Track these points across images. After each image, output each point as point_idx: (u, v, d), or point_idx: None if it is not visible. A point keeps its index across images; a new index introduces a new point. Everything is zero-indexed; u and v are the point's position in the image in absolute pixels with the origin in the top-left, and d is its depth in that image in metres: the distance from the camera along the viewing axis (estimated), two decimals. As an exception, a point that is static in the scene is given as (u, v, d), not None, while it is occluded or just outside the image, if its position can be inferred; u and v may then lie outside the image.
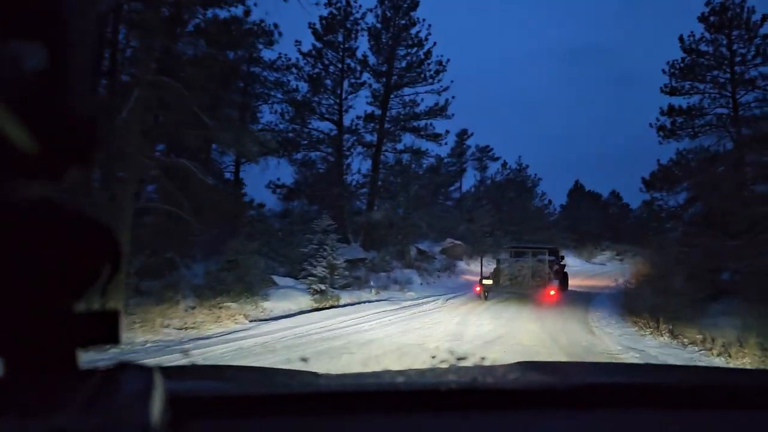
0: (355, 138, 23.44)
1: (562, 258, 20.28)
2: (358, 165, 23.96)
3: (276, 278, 15.28)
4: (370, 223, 20.73)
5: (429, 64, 22.80)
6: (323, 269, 13.85)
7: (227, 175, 21.98)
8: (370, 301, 14.17)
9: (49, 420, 0.32)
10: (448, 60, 22.66)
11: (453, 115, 22.69)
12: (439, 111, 22.62)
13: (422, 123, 23.15)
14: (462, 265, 24.84)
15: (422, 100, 23.16)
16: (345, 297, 14.30)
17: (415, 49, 22.97)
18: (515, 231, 31.87)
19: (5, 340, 0.41)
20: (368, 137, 23.58)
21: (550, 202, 39.96)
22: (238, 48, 19.35)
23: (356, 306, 13.10)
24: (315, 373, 1.26)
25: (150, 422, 0.38)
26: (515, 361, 1.44)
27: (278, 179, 23.03)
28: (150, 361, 2.09)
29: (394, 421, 0.87)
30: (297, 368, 1.53)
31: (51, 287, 0.41)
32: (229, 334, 8.52)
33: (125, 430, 0.35)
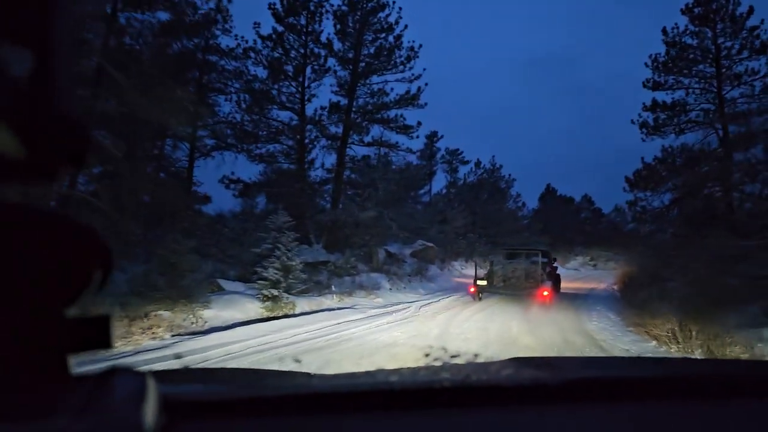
0: (318, 130, 21.37)
1: (554, 260, 20.05)
2: (323, 159, 21.96)
3: (224, 282, 13.16)
4: (334, 222, 18.66)
5: (400, 50, 20.99)
6: (276, 272, 11.72)
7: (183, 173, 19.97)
8: (331, 309, 12.06)
9: (43, 424, 0.33)
10: (420, 46, 20.90)
11: (426, 104, 20.88)
12: (410, 100, 20.73)
13: (392, 114, 21.29)
14: (434, 269, 23.02)
15: (392, 89, 21.33)
16: (303, 304, 12.18)
17: (384, 34, 21.13)
18: (490, 234, 30.35)
19: None
20: (333, 129, 21.60)
21: (524, 204, 38.85)
22: (192, 35, 17.58)
23: (314, 315, 11.00)
24: (308, 374, 1.34)
25: (143, 425, 0.39)
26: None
27: (232, 173, 20.82)
28: None
29: (388, 421, 0.87)
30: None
31: (43, 292, 0.41)
32: (132, 355, 6.35)
33: None
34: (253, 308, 11.13)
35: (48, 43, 0.38)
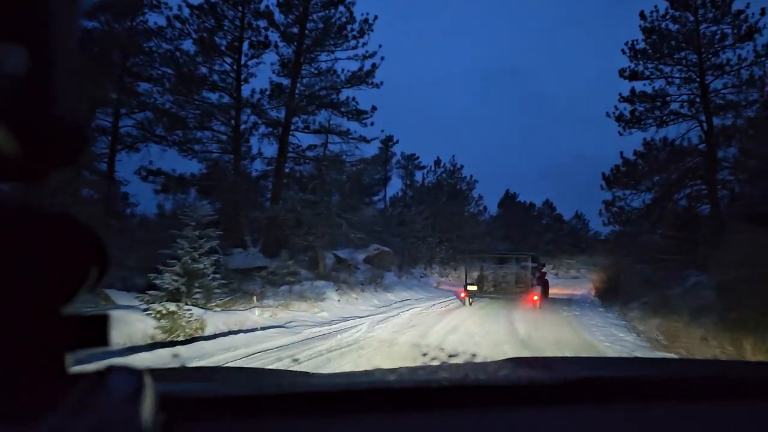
0: (257, 114, 18.24)
1: (543, 266, 19.74)
2: (261, 148, 18.85)
3: (118, 294, 9.91)
4: (272, 220, 15.53)
5: (352, 23, 18.15)
6: (174, 279, 8.53)
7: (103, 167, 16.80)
8: (255, 330, 8.89)
9: (38, 423, 0.33)
10: (376, 18, 18.13)
11: (381, 84, 18.07)
12: (363, 77, 17.87)
13: (343, 96, 18.37)
14: (391, 276, 20.17)
15: (343, 70, 18.44)
16: (218, 321, 8.99)
17: (333, 6, 18.25)
18: (451, 238, 27.82)
19: None
20: (274, 114, 18.49)
21: (485, 208, 36.61)
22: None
23: (226, 339, 7.82)
24: (307, 373, 1.43)
25: (141, 424, 0.39)
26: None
27: (150, 162, 17.38)
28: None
29: (386, 420, 0.87)
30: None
31: (40, 290, 0.41)
32: None
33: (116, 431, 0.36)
34: (143, 329, 7.95)
35: (45, 42, 0.38)
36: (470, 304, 15.45)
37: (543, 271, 18.98)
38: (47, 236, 0.42)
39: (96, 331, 0.46)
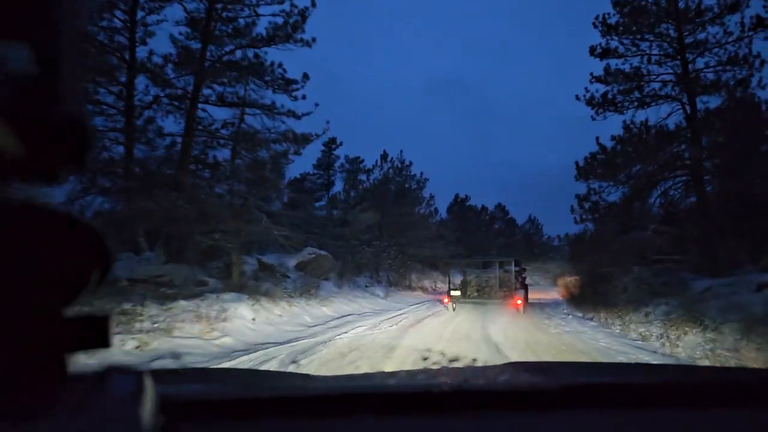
0: (157, 82, 14.30)
1: (524, 270, 19.50)
2: (166, 126, 14.86)
3: None
4: (170, 212, 11.62)
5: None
6: None
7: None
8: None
9: (38, 423, 0.33)
10: (309, -35, 14.59)
11: (314, 40, 14.50)
12: (290, 32, 14.23)
13: (266, 61, 14.65)
14: (329, 286, 16.59)
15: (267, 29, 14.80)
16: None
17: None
18: (400, 242, 24.55)
19: None
20: (180, 83, 14.61)
21: (436, 210, 33.53)
22: None
23: None
24: (307, 376, 1.43)
25: (140, 425, 0.39)
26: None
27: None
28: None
29: (385, 424, 0.87)
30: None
31: (41, 291, 0.41)
32: None
33: None
34: None
35: (51, 39, 0.37)
36: (453, 309, 15.13)
37: (524, 276, 18.64)
38: (48, 236, 0.41)
39: (97, 332, 0.45)
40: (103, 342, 0.46)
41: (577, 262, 23.30)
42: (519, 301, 15.02)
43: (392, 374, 1.17)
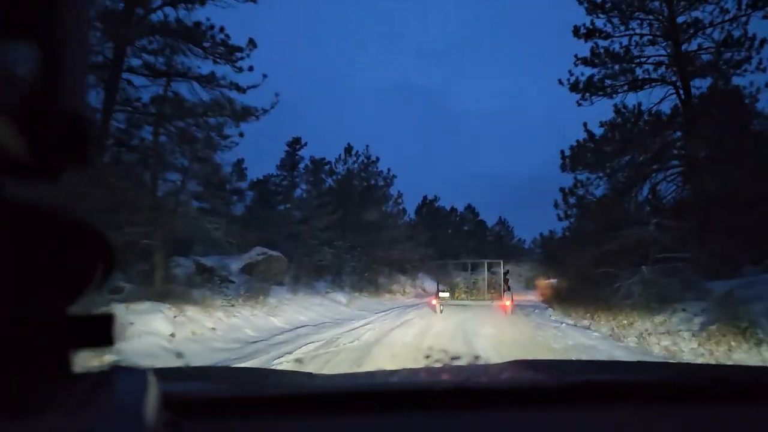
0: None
1: (507, 272, 18.73)
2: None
3: None
4: (70, 199, 9.14)
5: None
6: None
7: None
8: None
9: (42, 421, 0.33)
10: None
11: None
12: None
13: (204, 23, 12.25)
14: (282, 292, 14.29)
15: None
16: None
17: None
18: (366, 242, 22.40)
19: None
20: (100, 58, 12.11)
21: (404, 210, 31.52)
22: None
23: None
24: (310, 374, 1.42)
25: (144, 423, 0.39)
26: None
27: None
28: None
29: (388, 421, 0.87)
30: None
31: (46, 289, 0.42)
32: None
33: (119, 431, 0.37)
34: None
35: (56, 39, 0.37)
36: (441, 311, 15.05)
37: (507, 278, 18.15)
38: (52, 235, 0.41)
39: (102, 331, 0.45)
40: (108, 341, 0.45)
41: (559, 262, 21.94)
42: (507, 303, 15.13)
43: (394, 372, 1.20)
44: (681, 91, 14.95)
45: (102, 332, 0.45)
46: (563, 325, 11.47)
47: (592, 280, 12.81)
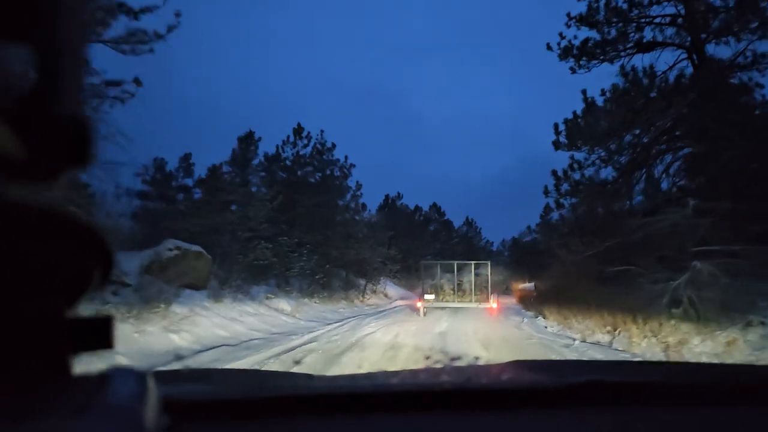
0: None
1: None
2: None
3: None
4: None
5: None
6: None
7: None
8: None
9: (40, 424, 0.33)
10: None
11: None
12: None
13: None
14: (200, 298, 10.85)
15: None
16: None
17: None
18: (317, 240, 19.10)
19: None
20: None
21: (364, 206, 27.81)
22: None
23: None
24: (309, 375, 1.41)
25: (144, 426, 0.39)
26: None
27: None
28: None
29: (388, 423, 0.87)
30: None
31: (43, 292, 0.41)
32: None
33: None
34: None
35: (52, 40, 0.37)
36: (424, 314, 14.87)
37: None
38: (50, 236, 0.40)
39: (100, 334, 0.45)
40: (106, 343, 0.45)
41: (538, 265, 20.01)
42: (494, 305, 15.21)
43: (395, 373, 1.19)
44: (694, 56, 12.42)
45: (100, 335, 0.44)
46: (576, 342, 8.50)
47: (603, 280, 9.99)
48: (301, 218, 18.85)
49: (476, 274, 17.08)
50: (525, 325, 12.13)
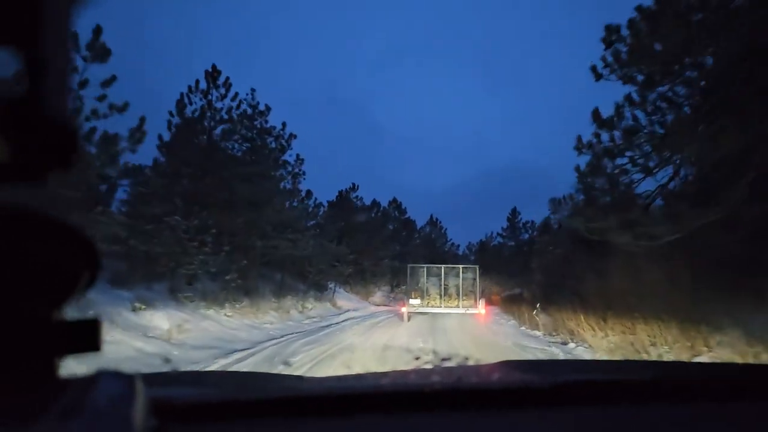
0: None
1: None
2: None
3: None
4: None
5: None
6: None
7: None
8: None
9: (28, 428, 0.33)
10: None
11: None
12: None
13: None
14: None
15: None
16: None
17: None
18: (236, 227, 13.82)
19: None
20: None
21: (309, 193, 21.92)
22: None
23: None
24: (299, 377, 1.45)
25: (131, 429, 0.39)
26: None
27: None
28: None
29: (378, 424, 0.86)
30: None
31: (30, 294, 0.41)
32: None
33: None
34: None
35: (37, 43, 0.37)
36: (408, 319, 14.59)
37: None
38: (36, 239, 0.41)
39: (87, 336, 0.44)
40: (94, 346, 0.45)
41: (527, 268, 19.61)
42: (483, 311, 15.22)
43: (385, 374, 1.15)
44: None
45: (87, 337, 0.44)
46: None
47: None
48: (213, 196, 13.57)
49: (463, 279, 16.50)
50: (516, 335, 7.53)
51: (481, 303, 15.56)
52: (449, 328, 12.54)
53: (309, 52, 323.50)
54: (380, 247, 29.81)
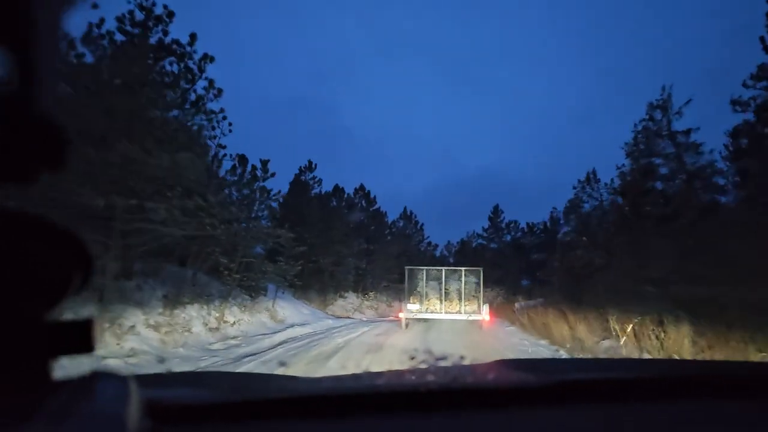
0: None
1: None
2: None
3: None
4: None
5: None
6: None
7: None
8: None
9: (22, 429, 0.33)
10: None
11: None
12: None
13: None
14: None
15: None
16: None
17: None
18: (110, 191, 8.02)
19: None
20: None
21: (268, 172, 15.85)
22: None
23: None
24: (295, 377, 1.40)
25: (126, 430, 0.38)
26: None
27: None
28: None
29: (374, 424, 0.85)
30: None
31: (22, 296, 0.41)
32: None
33: None
34: None
35: (28, 43, 0.37)
36: (406, 327, 13.75)
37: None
38: (29, 240, 0.41)
39: (80, 337, 0.44)
40: (87, 347, 0.44)
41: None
42: (486, 317, 14.31)
43: (380, 374, 1.14)
44: None
45: (81, 338, 0.44)
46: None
47: None
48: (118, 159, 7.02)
49: (466, 282, 15.46)
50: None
51: (485, 308, 14.65)
52: (451, 342, 10.25)
53: (274, 56, 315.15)
54: (342, 241, 24.07)
